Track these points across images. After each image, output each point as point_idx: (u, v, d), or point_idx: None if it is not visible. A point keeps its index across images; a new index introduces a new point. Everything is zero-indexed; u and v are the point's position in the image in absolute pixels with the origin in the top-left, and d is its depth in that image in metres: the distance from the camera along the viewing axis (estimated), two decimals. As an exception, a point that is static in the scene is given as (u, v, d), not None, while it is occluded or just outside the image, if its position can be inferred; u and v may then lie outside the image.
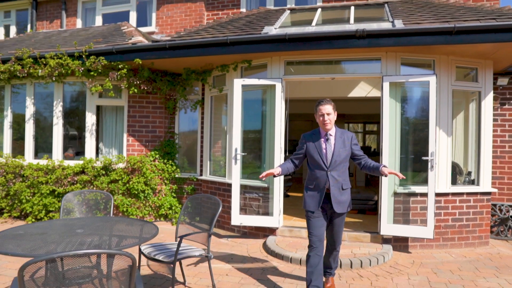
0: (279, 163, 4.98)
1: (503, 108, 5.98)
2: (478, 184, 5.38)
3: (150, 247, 3.51)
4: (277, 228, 5.45)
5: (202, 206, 3.85)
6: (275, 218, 5.37)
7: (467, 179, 5.55)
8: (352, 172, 9.67)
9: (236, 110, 5.54)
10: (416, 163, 5.13)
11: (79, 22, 9.08)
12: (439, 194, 5.11)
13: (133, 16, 8.66)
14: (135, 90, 6.26)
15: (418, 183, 5.09)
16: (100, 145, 6.97)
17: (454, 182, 5.39)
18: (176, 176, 6.80)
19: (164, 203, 6.47)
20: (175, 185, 6.82)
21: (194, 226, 3.82)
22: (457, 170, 5.54)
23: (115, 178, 6.29)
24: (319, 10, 6.60)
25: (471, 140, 5.58)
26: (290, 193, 8.71)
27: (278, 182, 5.39)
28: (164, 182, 6.71)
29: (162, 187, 6.65)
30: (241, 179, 5.54)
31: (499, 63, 5.47)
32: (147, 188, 6.38)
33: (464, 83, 5.37)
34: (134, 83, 6.22)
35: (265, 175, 3.36)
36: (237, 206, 5.52)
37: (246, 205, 5.61)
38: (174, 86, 6.65)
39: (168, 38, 6.07)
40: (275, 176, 3.43)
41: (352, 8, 6.41)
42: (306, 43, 5.06)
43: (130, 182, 6.29)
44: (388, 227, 4.98)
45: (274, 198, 5.40)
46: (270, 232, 5.49)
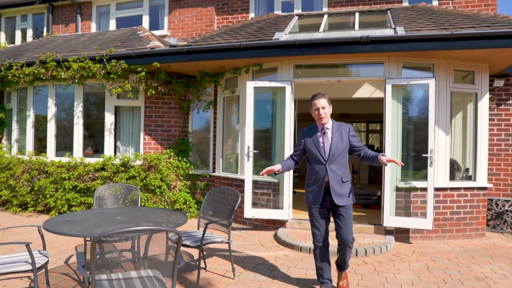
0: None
1: (500, 108, 6.34)
2: (474, 180, 5.75)
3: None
4: (287, 221, 5.84)
5: (222, 198, 4.24)
6: (285, 211, 5.77)
7: (465, 175, 5.91)
8: (356, 170, 10.01)
9: (248, 111, 5.93)
10: (417, 160, 5.50)
11: (93, 26, 9.48)
12: (438, 189, 5.49)
13: (146, 20, 9.04)
14: (152, 92, 6.68)
15: (418, 179, 5.46)
16: (118, 143, 7.38)
17: (452, 178, 5.77)
18: (190, 172, 7.20)
19: (179, 198, 6.87)
20: (189, 181, 7.22)
21: (214, 216, 4.21)
22: (455, 167, 5.91)
23: (133, 175, 6.70)
24: (326, 16, 6.98)
25: (469, 139, 5.94)
26: (296, 189, 9.07)
27: (288, 177, 5.78)
28: (179, 178, 7.11)
29: (177, 183, 7.05)
30: (253, 175, 5.94)
31: (495, 66, 5.83)
32: (163, 184, 6.77)
33: (462, 85, 5.74)
34: (152, 85, 6.63)
35: (265, 172, 3.34)
36: (249, 200, 5.91)
37: (257, 199, 6.00)
38: (189, 87, 7.05)
39: (185, 43, 6.47)
40: (276, 173, 3.44)
41: (357, 14, 6.78)
42: (314, 48, 5.45)
43: (147, 178, 6.69)
44: (390, 219, 5.37)
45: (284, 192, 5.79)
46: (280, 224, 5.88)
